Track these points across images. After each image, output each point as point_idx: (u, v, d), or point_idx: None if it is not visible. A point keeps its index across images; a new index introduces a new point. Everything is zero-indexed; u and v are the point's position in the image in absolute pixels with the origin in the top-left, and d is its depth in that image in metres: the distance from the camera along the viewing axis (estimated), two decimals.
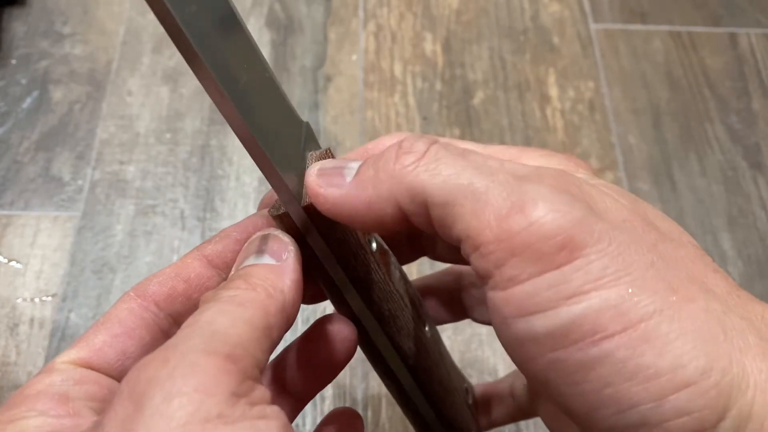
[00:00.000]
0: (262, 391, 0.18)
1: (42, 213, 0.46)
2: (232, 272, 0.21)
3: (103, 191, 0.47)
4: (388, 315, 0.24)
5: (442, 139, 0.21)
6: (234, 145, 0.50)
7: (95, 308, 0.43)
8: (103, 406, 0.20)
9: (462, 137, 0.51)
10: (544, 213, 0.17)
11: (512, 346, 0.19)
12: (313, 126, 0.51)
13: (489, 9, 0.57)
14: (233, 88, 0.18)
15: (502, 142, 0.51)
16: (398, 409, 0.40)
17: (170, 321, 0.23)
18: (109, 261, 0.45)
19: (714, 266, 0.19)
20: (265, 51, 0.54)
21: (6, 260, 0.45)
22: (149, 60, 0.53)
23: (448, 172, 0.18)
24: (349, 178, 0.20)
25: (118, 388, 0.17)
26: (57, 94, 0.52)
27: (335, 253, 0.22)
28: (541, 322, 0.17)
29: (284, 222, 0.22)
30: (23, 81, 0.52)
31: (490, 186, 0.18)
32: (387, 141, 0.23)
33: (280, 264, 0.21)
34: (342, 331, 0.25)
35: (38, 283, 0.44)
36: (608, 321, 0.17)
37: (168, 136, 0.50)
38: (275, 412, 0.18)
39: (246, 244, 0.22)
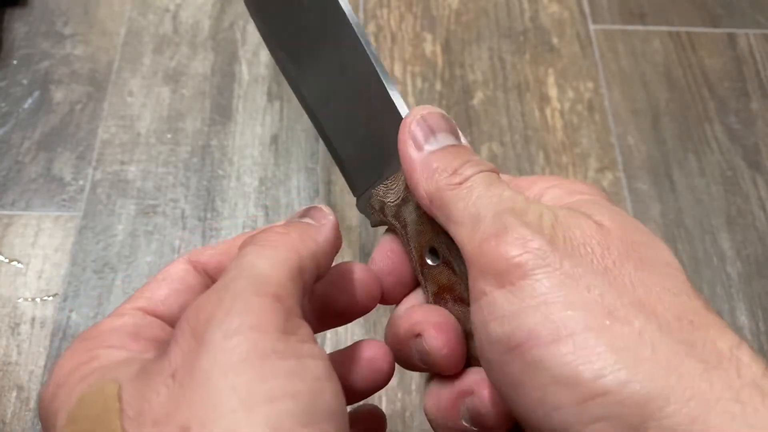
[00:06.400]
0: (307, 328, 0.20)
1: (43, 213, 0.47)
2: None
3: (105, 191, 0.48)
4: None
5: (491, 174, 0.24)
6: (234, 146, 0.50)
7: (96, 308, 0.43)
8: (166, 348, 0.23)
9: None
10: (510, 241, 0.21)
11: (480, 352, 0.22)
12: None
13: (489, 9, 0.58)
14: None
15: (502, 143, 0.51)
16: (398, 406, 0.40)
17: None
18: (110, 261, 0.45)
19: (679, 290, 0.21)
20: (266, 51, 0.54)
21: (7, 260, 0.45)
22: (150, 60, 0.54)
23: (470, 199, 0.23)
24: (427, 148, 0.24)
25: (177, 325, 0.20)
26: (58, 94, 0.52)
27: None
28: (494, 328, 0.21)
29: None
30: (24, 81, 0.52)
31: (488, 216, 0.22)
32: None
33: (317, 224, 0.24)
34: (376, 361, 0.27)
35: (39, 282, 0.44)
36: (543, 331, 0.19)
37: (169, 136, 0.50)
38: (321, 352, 0.20)
39: (291, 216, 0.25)
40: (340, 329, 0.42)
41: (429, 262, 0.25)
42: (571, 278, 0.20)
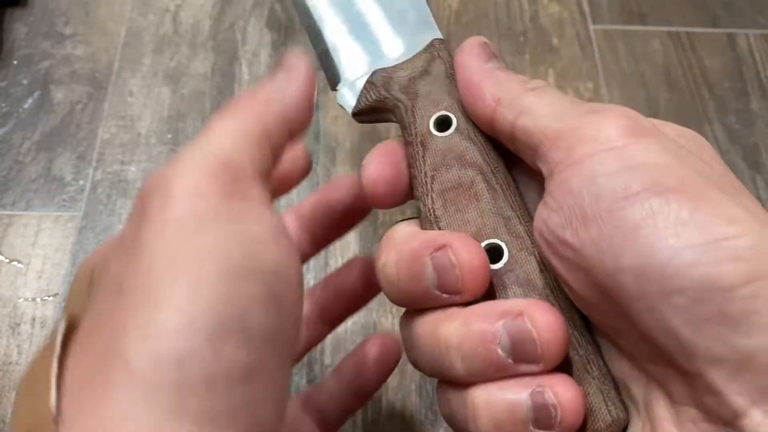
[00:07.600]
0: (260, 191, 0.20)
1: (43, 213, 0.47)
2: None
3: (105, 191, 0.48)
4: None
5: None
6: None
7: None
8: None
9: None
10: (617, 113, 0.21)
11: (570, 217, 0.21)
12: (313, 126, 0.51)
13: (488, 10, 0.58)
14: None
15: None
16: (398, 405, 0.40)
17: None
18: None
19: None
20: (266, 51, 0.54)
21: (7, 260, 0.45)
22: (150, 61, 0.54)
23: (551, 98, 0.23)
24: (490, 64, 0.25)
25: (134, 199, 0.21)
26: (58, 94, 0.52)
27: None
28: (606, 181, 0.20)
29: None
30: (25, 81, 0.52)
31: (575, 104, 0.23)
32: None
33: (287, 80, 0.23)
34: (383, 355, 0.29)
35: (40, 282, 0.44)
36: (668, 179, 0.19)
37: (169, 136, 0.50)
38: (270, 217, 0.20)
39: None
40: (340, 330, 0.42)
41: (434, 132, 0.26)
42: (681, 152, 0.20)
